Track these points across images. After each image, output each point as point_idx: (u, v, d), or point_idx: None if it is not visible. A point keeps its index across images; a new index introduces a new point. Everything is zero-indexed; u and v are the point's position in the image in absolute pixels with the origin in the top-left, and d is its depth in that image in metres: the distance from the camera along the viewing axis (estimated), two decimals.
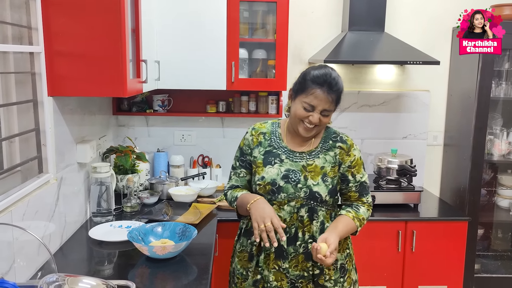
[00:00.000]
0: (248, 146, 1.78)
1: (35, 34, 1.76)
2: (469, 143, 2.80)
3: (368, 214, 1.76)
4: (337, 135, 1.75)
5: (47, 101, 1.82)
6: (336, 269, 1.74)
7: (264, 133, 1.78)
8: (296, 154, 1.72)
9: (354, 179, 1.72)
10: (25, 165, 1.79)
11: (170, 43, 2.55)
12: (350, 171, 1.72)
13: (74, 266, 1.83)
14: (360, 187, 1.74)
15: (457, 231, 2.56)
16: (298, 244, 1.70)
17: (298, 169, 1.69)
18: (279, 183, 1.68)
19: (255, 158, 1.75)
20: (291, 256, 1.71)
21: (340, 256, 1.76)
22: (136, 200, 2.45)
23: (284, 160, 1.71)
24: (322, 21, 2.96)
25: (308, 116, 1.62)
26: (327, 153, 1.71)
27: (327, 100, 1.61)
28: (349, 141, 1.73)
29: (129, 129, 2.95)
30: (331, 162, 1.70)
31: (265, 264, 1.73)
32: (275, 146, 1.74)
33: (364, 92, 3.03)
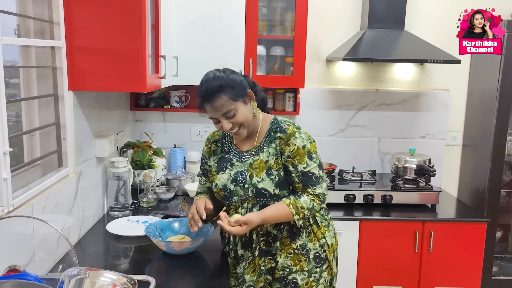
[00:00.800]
0: (204, 157, 1.84)
1: (56, 29, 1.77)
2: (489, 143, 2.75)
3: (313, 204, 1.64)
4: (278, 125, 1.68)
5: (68, 96, 1.83)
6: (308, 260, 1.70)
7: (217, 141, 1.81)
8: (244, 154, 1.72)
9: (295, 170, 1.64)
10: (45, 159, 1.80)
11: (188, 39, 2.55)
12: (290, 161, 1.64)
13: (92, 260, 1.85)
14: (304, 177, 1.64)
15: (476, 233, 2.51)
16: (253, 247, 1.70)
17: (245, 169, 1.68)
18: (229, 188, 1.69)
19: (210, 167, 1.79)
20: (248, 261, 1.71)
21: (313, 245, 1.71)
22: (153, 195, 2.46)
23: (234, 164, 1.72)
24: (340, 18, 2.93)
25: (221, 126, 1.64)
26: (270, 146, 1.67)
27: (216, 108, 1.60)
28: (289, 130, 1.65)
29: (146, 125, 2.96)
30: (274, 154, 1.66)
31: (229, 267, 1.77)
32: (227, 151, 1.76)
33: (382, 90, 2.99)
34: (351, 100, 2.99)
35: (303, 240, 1.70)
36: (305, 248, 1.70)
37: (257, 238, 1.70)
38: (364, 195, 2.60)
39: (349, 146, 3.03)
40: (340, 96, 2.98)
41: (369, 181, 2.77)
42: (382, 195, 2.61)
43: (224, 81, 1.60)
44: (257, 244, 1.70)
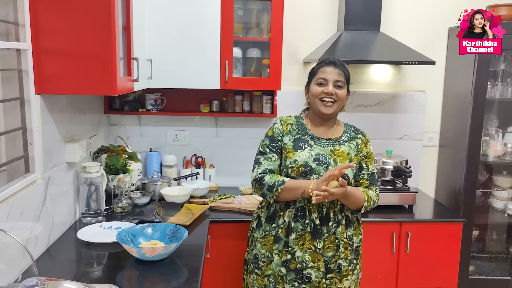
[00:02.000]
0: (279, 134, 1.93)
1: (22, 31, 1.72)
2: (465, 144, 2.78)
3: (376, 199, 1.92)
4: (357, 129, 2.00)
5: (34, 99, 1.78)
6: (352, 250, 1.90)
7: (291, 124, 1.96)
8: (323, 140, 1.91)
9: (367, 168, 1.93)
10: (11, 165, 1.74)
11: (162, 41, 2.52)
12: (365, 160, 1.93)
13: (62, 268, 1.79)
14: (371, 177, 1.94)
15: (452, 233, 2.53)
16: (330, 225, 1.85)
17: (327, 153, 1.87)
18: (311, 165, 1.83)
19: (285, 144, 1.90)
20: (325, 237, 1.85)
21: (356, 238, 1.92)
22: (127, 200, 2.41)
23: (313, 146, 1.89)
24: (317, 20, 2.93)
25: (324, 89, 1.85)
26: (351, 142, 1.92)
27: (335, 72, 1.86)
28: (367, 136, 1.99)
29: (121, 128, 2.91)
30: (355, 150, 1.91)
31: (298, 245, 1.85)
32: (303, 134, 1.92)
33: (359, 92, 3.00)
34: None
35: (351, 232, 1.91)
36: (352, 239, 1.91)
37: (334, 216, 1.86)
38: None
39: None
40: None
41: None
42: None
43: (348, 70, 1.93)
44: (333, 222, 1.86)
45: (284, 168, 1.88)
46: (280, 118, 1.98)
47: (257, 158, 1.93)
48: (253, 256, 1.96)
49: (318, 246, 1.83)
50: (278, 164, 1.89)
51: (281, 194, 1.82)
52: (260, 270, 1.93)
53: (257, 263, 1.94)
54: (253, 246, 1.98)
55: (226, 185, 2.95)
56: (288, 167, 1.86)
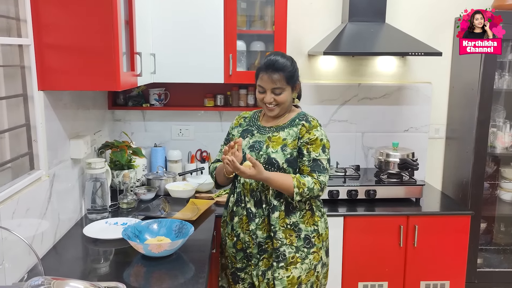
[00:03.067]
0: (231, 128, 2.07)
1: (23, 26, 1.70)
2: (472, 136, 2.75)
3: (314, 186, 1.83)
4: (304, 116, 1.94)
5: (38, 96, 1.76)
6: (298, 237, 1.88)
7: (245, 117, 2.07)
8: (266, 128, 1.96)
9: (308, 155, 1.87)
10: (16, 162, 1.73)
11: (166, 36, 2.49)
12: (306, 146, 1.87)
13: (68, 265, 1.79)
14: (313, 163, 1.86)
15: (460, 226, 2.51)
16: (264, 207, 1.89)
17: (263, 140, 1.92)
18: (245, 152, 1.90)
19: (233, 136, 2.03)
20: (261, 219, 1.89)
21: (305, 227, 1.90)
22: (133, 196, 2.40)
23: (254, 134, 1.96)
24: (321, 12, 2.89)
25: (263, 97, 1.88)
26: (291, 129, 1.91)
27: (271, 80, 1.85)
28: (313, 122, 1.91)
29: (125, 124, 2.89)
30: (293, 136, 1.89)
31: (240, 228, 1.94)
32: (251, 125, 2.01)
33: (364, 84, 2.97)
34: (333, 95, 2.96)
35: (296, 219, 1.89)
36: (297, 226, 1.89)
37: (266, 199, 1.89)
38: (348, 190, 2.57)
39: (332, 141, 2.94)
40: (323, 90, 2.95)
41: (353, 176, 2.75)
42: (366, 190, 2.58)
43: (290, 65, 1.87)
44: (266, 205, 1.89)
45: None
46: (239, 114, 2.10)
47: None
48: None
49: (249, 229, 1.91)
50: None
51: (217, 178, 2.03)
52: (222, 251, 2.09)
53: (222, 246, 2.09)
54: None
55: None
56: None
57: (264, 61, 1.88)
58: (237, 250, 1.97)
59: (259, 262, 1.92)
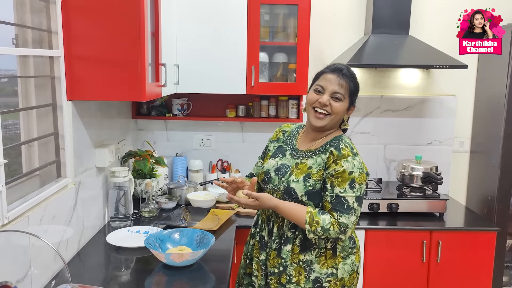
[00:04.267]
0: (269, 141, 1.90)
1: (55, 38, 1.75)
2: (498, 149, 2.69)
3: (330, 228, 1.57)
4: (337, 141, 1.66)
5: (66, 105, 1.81)
6: (307, 278, 1.65)
7: (285, 131, 1.86)
8: (299, 152, 1.74)
9: (331, 189, 1.60)
10: (44, 170, 1.78)
11: (190, 47, 2.53)
12: (331, 179, 1.60)
13: (91, 272, 1.81)
14: (336, 200, 1.59)
15: (485, 242, 2.45)
16: (273, 238, 1.73)
17: (291, 165, 1.72)
18: (270, 174, 1.75)
19: (269, 150, 1.87)
20: (271, 249, 1.73)
21: (319, 268, 1.65)
22: (154, 205, 2.43)
23: (286, 156, 1.77)
24: (344, 24, 2.89)
25: (318, 98, 1.64)
26: (320, 155, 1.67)
27: (337, 82, 1.64)
28: (344, 151, 1.61)
29: (148, 133, 2.94)
30: (320, 165, 1.65)
31: (252, 252, 1.83)
32: (287, 143, 1.81)
33: (387, 96, 2.95)
34: (356, 107, 2.93)
35: (311, 257, 1.66)
36: (310, 266, 1.65)
37: (278, 232, 1.72)
38: (370, 203, 2.54)
39: None
40: None
41: (375, 189, 2.72)
42: (388, 204, 2.55)
43: (356, 79, 1.69)
44: (276, 237, 1.72)
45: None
46: (279, 126, 1.90)
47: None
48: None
49: (259, 257, 1.76)
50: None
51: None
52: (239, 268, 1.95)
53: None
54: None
55: None
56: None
57: (331, 66, 1.68)
58: (246, 273, 1.86)
59: None
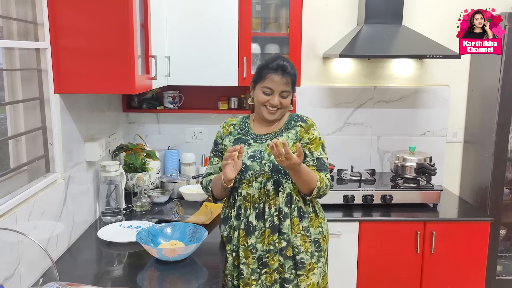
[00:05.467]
0: (220, 137, 1.94)
1: (40, 30, 1.71)
2: (492, 140, 2.69)
3: (327, 181, 1.81)
4: (298, 116, 1.90)
5: (54, 99, 1.77)
6: (311, 242, 1.84)
7: (234, 125, 1.95)
8: (262, 136, 1.88)
9: (311, 155, 1.84)
10: (32, 165, 1.74)
11: (180, 38, 2.49)
12: (307, 147, 1.84)
13: (82, 268, 1.79)
14: (318, 162, 1.84)
15: (479, 232, 2.45)
16: (265, 218, 1.81)
17: (263, 148, 1.84)
18: (246, 163, 1.82)
19: (225, 146, 1.91)
20: (260, 232, 1.81)
21: (314, 230, 1.86)
22: (146, 199, 2.40)
23: (251, 144, 1.86)
24: (336, 14, 2.86)
25: (269, 99, 1.80)
26: (289, 131, 1.86)
27: (283, 82, 1.79)
28: (309, 121, 1.88)
29: (139, 127, 2.90)
30: (293, 139, 1.84)
31: (238, 242, 1.85)
32: (244, 134, 1.91)
33: (380, 87, 2.93)
34: (349, 98, 2.92)
35: (307, 223, 1.85)
36: (309, 230, 1.85)
37: (269, 210, 1.81)
38: (364, 195, 2.54)
39: (348, 145, 2.97)
40: (338, 93, 2.92)
41: (369, 181, 2.71)
42: (382, 195, 2.54)
43: (294, 71, 1.84)
44: (268, 216, 1.80)
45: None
46: (224, 121, 1.98)
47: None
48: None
49: (248, 243, 1.81)
50: (220, 167, 1.91)
51: (213, 192, 1.90)
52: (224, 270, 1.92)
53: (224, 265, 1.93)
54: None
55: None
56: None
57: (273, 63, 1.79)
58: (234, 266, 1.88)
59: (260, 276, 1.83)
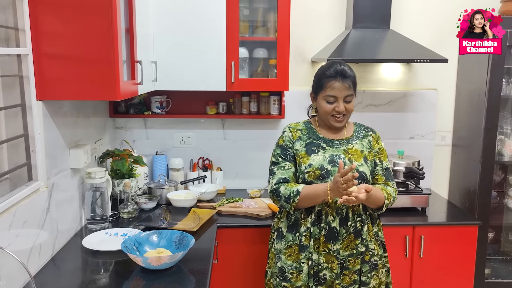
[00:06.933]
0: (289, 141, 1.91)
1: (22, 36, 1.68)
2: (479, 143, 2.70)
3: (395, 195, 1.90)
4: (367, 127, 1.99)
5: (36, 106, 1.74)
6: (380, 246, 1.93)
7: (301, 130, 1.94)
8: (335, 141, 1.90)
9: (381, 164, 1.92)
10: (14, 173, 1.71)
11: (167, 43, 2.47)
12: (378, 156, 1.92)
13: (66, 277, 1.76)
14: (386, 172, 1.92)
15: (467, 236, 2.45)
16: (349, 224, 1.83)
17: (341, 153, 1.86)
18: (326, 167, 1.82)
19: (297, 150, 1.88)
20: (343, 237, 1.83)
21: (381, 234, 1.95)
22: (134, 205, 2.37)
23: (326, 148, 1.88)
24: (325, 18, 2.86)
25: (334, 107, 1.82)
26: (362, 140, 1.92)
27: (344, 87, 1.81)
28: (377, 133, 1.99)
29: (126, 132, 2.87)
30: (367, 147, 1.91)
31: (314, 249, 1.83)
32: (314, 138, 1.91)
33: (369, 91, 2.93)
34: None
35: (376, 228, 1.93)
36: (378, 235, 1.93)
37: (353, 216, 1.84)
38: None
39: None
40: None
41: None
42: None
43: (353, 72, 1.85)
44: (352, 221, 1.83)
45: (300, 174, 1.85)
46: (288, 126, 1.96)
47: (271, 169, 1.91)
48: (278, 269, 1.89)
49: (332, 249, 1.82)
50: (293, 172, 1.87)
51: (299, 204, 1.80)
52: (288, 282, 1.86)
53: (284, 275, 1.87)
54: (277, 258, 1.91)
55: (234, 187, 2.90)
56: (304, 172, 1.84)
57: (330, 70, 1.81)
58: (310, 275, 1.83)
59: (341, 282, 1.84)
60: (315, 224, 1.83)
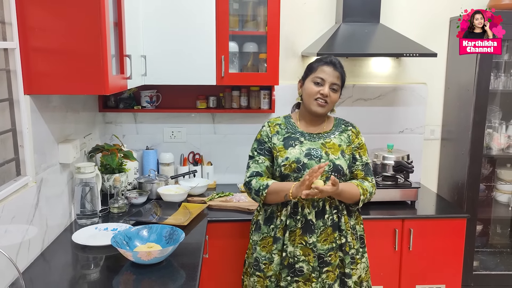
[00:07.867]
0: (266, 136, 1.93)
1: (9, 29, 1.66)
2: (468, 137, 2.73)
3: (372, 190, 1.91)
4: (347, 121, 2.00)
5: (24, 100, 1.72)
6: (357, 239, 1.91)
7: (279, 124, 1.96)
8: (313, 135, 1.91)
9: (360, 159, 1.93)
10: (2, 168, 1.69)
11: (156, 37, 2.45)
12: (358, 151, 1.93)
13: (56, 272, 1.75)
14: (365, 167, 1.93)
15: (456, 229, 2.48)
16: (326, 217, 1.84)
17: (318, 147, 1.87)
18: (303, 161, 1.83)
19: (274, 144, 1.91)
20: (320, 230, 1.83)
21: (359, 227, 1.94)
22: (124, 200, 2.36)
23: (303, 142, 1.89)
24: (315, 12, 2.85)
25: (319, 90, 1.83)
26: (341, 134, 1.93)
27: (334, 74, 1.84)
28: (357, 128, 1.99)
29: (116, 126, 2.85)
30: (346, 142, 1.91)
31: (290, 241, 1.84)
32: (292, 132, 1.92)
33: (359, 85, 2.94)
34: None
35: (353, 221, 1.92)
36: (355, 228, 1.92)
37: (330, 209, 1.84)
38: None
39: None
40: None
41: None
42: None
43: (345, 74, 1.92)
44: (329, 214, 1.84)
45: (277, 167, 1.88)
46: (268, 121, 1.99)
47: (247, 163, 1.96)
48: (254, 259, 1.95)
49: (308, 241, 1.82)
50: (267, 165, 1.91)
51: (267, 198, 1.85)
52: (262, 272, 1.91)
53: (258, 265, 1.93)
54: (253, 249, 1.96)
55: (225, 182, 2.90)
56: (280, 165, 1.86)
57: (325, 59, 1.87)
58: (284, 266, 1.86)
59: (321, 275, 1.84)
60: (291, 217, 1.85)
